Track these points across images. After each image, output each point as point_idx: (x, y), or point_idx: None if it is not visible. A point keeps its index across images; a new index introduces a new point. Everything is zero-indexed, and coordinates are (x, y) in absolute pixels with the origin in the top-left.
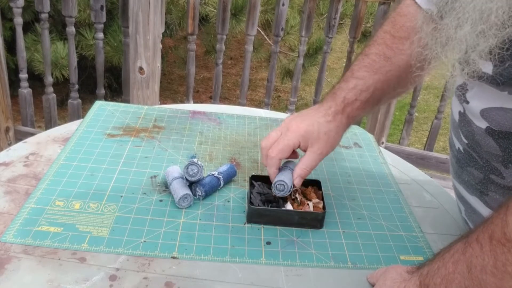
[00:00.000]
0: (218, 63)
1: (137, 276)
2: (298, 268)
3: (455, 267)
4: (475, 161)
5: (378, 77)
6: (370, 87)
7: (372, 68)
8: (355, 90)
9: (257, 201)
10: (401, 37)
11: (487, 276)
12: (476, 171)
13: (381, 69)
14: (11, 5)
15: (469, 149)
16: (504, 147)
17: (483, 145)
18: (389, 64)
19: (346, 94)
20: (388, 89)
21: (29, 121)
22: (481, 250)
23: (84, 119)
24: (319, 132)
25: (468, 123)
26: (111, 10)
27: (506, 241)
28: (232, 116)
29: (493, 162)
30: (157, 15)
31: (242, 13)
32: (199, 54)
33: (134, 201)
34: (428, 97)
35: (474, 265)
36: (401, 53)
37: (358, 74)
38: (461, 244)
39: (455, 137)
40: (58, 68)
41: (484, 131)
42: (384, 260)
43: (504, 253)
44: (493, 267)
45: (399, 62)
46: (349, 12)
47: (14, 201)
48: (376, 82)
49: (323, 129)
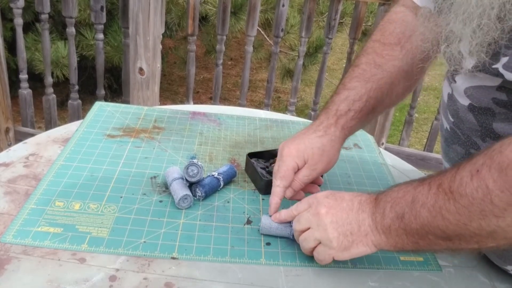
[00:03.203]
0: (218, 64)
1: (137, 276)
2: (298, 268)
3: (404, 195)
4: (458, 137)
5: (371, 85)
6: (363, 96)
7: (363, 77)
8: (347, 100)
9: (265, 173)
10: (391, 43)
11: (423, 211)
12: (459, 147)
13: (373, 77)
14: (11, 5)
15: (454, 127)
16: (481, 122)
17: (465, 121)
18: (381, 71)
19: (338, 106)
20: (382, 96)
21: (29, 121)
22: (428, 191)
23: (84, 120)
24: (312, 148)
25: (454, 102)
26: (111, 11)
27: (449, 192)
28: (232, 117)
29: (473, 137)
30: (157, 15)
31: (242, 11)
32: (199, 54)
33: (134, 202)
34: (428, 98)
35: (418, 199)
36: (392, 59)
37: (349, 85)
38: (418, 181)
39: (444, 118)
40: (59, 67)
41: (466, 108)
42: (384, 260)
43: (443, 200)
44: (432, 206)
45: (391, 69)
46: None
47: (14, 201)
48: (369, 90)
49: (316, 145)
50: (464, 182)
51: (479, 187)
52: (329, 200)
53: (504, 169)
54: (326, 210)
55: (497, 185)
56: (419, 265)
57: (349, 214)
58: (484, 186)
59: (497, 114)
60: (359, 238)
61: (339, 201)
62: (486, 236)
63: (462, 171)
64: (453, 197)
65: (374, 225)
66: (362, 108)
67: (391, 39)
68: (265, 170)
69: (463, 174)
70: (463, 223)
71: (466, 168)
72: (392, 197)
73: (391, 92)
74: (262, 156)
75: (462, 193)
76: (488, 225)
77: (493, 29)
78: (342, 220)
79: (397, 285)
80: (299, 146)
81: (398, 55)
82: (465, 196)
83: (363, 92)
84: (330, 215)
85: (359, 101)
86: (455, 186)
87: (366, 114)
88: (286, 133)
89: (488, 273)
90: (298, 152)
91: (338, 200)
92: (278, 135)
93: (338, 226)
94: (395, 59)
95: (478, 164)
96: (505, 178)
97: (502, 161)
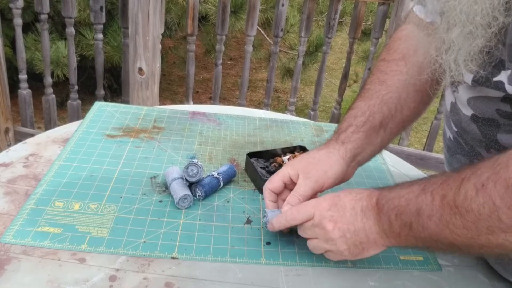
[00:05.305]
0: (218, 64)
1: (137, 276)
2: (298, 268)
3: (407, 204)
4: (462, 147)
5: (374, 101)
6: (366, 112)
7: (367, 96)
8: (349, 118)
9: (265, 173)
10: (395, 59)
11: (430, 223)
12: (463, 157)
13: (376, 94)
14: (10, 6)
15: (457, 137)
16: (485, 133)
17: (469, 131)
18: (385, 87)
19: (340, 125)
20: (389, 111)
21: (28, 122)
22: (432, 203)
23: (84, 120)
24: (306, 159)
25: (457, 112)
26: (111, 11)
27: (454, 206)
28: (231, 116)
29: (477, 148)
30: (156, 16)
31: (242, 10)
32: (198, 54)
33: (134, 202)
34: None
35: (423, 210)
36: (396, 73)
37: (353, 105)
38: (417, 187)
39: (446, 127)
40: (59, 67)
41: (469, 118)
42: (384, 260)
43: (450, 214)
44: (438, 219)
45: (396, 83)
46: (348, 10)
47: (14, 202)
48: (372, 106)
49: (311, 155)
50: (469, 196)
51: (485, 203)
52: (332, 213)
53: (511, 186)
54: (333, 225)
55: (504, 202)
56: (419, 264)
57: (355, 225)
58: (491, 202)
59: (502, 125)
60: (369, 245)
61: (341, 212)
62: (495, 247)
63: (466, 184)
64: (459, 212)
65: (383, 232)
66: (365, 122)
67: (396, 56)
68: (265, 170)
69: (467, 187)
70: (471, 237)
71: (470, 181)
72: (394, 204)
73: (401, 106)
74: (262, 156)
75: (468, 209)
76: (496, 239)
77: (478, 36)
78: (350, 233)
79: (397, 284)
80: (294, 161)
81: (403, 69)
82: (471, 211)
83: (366, 108)
84: (337, 229)
85: (361, 116)
86: (460, 200)
87: (372, 128)
88: (286, 133)
89: (488, 273)
90: (294, 162)
91: (340, 211)
92: (277, 135)
93: (347, 239)
94: (400, 74)
95: (483, 178)
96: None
97: (508, 177)
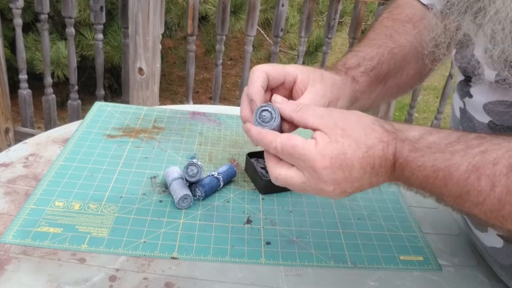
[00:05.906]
0: (218, 64)
1: (137, 276)
2: (297, 268)
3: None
4: None
5: (382, 50)
6: (374, 58)
7: (374, 43)
8: (356, 57)
9: (265, 173)
10: (402, 20)
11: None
12: None
13: (384, 45)
14: (10, 6)
15: None
16: None
17: None
18: (392, 41)
19: (347, 60)
20: (394, 68)
21: (28, 122)
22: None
23: (84, 120)
24: (320, 72)
25: (470, 119)
26: (111, 11)
27: None
28: (231, 116)
29: None
30: (156, 16)
31: (242, 10)
32: (198, 54)
33: (134, 202)
34: (428, 97)
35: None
36: (404, 33)
37: (358, 49)
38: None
39: None
40: (60, 67)
41: (486, 126)
42: (384, 260)
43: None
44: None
45: (403, 42)
46: (348, 10)
47: (14, 202)
48: (381, 55)
49: (326, 75)
50: None
51: None
52: (336, 176)
53: None
54: (334, 187)
55: None
56: (419, 264)
57: (360, 182)
58: None
59: None
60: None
61: (347, 173)
62: None
63: None
64: None
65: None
66: (374, 67)
67: (401, 17)
68: (265, 170)
69: None
70: None
71: None
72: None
73: (403, 69)
74: (262, 156)
75: None
76: None
77: None
78: (353, 188)
79: (397, 284)
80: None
81: (411, 32)
82: None
83: (374, 54)
84: (338, 190)
85: (370, 60)
86: None
87: (377, 78)
88: None
89: (488, 273)
90: (302, 68)
91: (346, 172)
92: None
93: (345, 194)
94: (407, 34)
95: None
96: None
97: None
